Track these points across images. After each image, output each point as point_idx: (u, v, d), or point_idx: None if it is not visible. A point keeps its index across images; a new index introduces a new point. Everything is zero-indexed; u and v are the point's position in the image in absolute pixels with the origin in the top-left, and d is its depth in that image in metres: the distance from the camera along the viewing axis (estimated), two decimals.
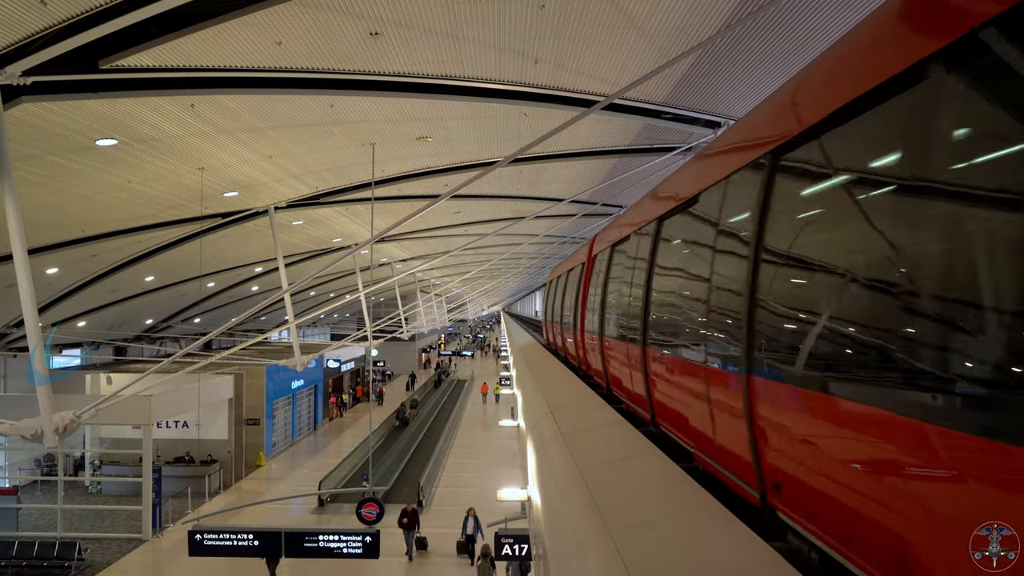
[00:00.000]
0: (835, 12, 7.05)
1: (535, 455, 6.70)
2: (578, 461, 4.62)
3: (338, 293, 38.48)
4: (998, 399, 1.48)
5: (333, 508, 20.47)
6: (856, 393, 2.00)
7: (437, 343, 74.23)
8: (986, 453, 1.47)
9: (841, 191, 2.18)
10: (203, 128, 10.29)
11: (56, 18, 6.24)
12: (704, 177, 3.66)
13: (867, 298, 2.03)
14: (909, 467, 1.76)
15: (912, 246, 1.80)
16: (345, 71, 8.62)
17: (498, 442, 26.63)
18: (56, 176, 11.19)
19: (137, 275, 20.71)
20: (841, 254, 2.19)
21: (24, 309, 7.09)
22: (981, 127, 1.58)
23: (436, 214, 20.34)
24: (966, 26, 1.56)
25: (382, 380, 48.27)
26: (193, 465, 24.52)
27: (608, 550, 2.85)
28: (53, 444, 7.13)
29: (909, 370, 1.77)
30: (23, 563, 16.50)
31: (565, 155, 13.95)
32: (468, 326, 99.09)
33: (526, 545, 11.47)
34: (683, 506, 3.25)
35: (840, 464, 2.12)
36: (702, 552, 2.73)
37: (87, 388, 23.55)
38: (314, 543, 11.87)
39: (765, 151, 2.72)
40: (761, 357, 2.65)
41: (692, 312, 3.76)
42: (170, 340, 32.89)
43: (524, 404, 11.33)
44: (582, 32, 7.86)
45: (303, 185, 15.15)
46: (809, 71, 2.64)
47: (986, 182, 1.54)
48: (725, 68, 9.13)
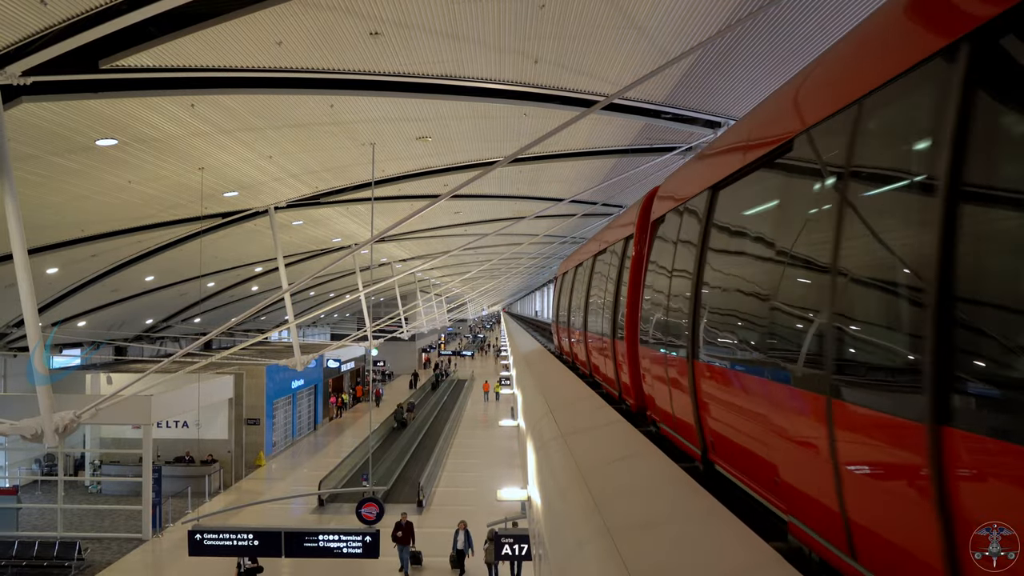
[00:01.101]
0: (835, 12, 7.05)
1: (535, 455, 6.69)
2: (578, 461, 4.62)
3: (338, 293, 38.48)
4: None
5: (333, 508, 20.47)
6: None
7: (437, 343, 74.22)
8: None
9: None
10: (203, 128, 10.28)
11: (56, 18, 6.24)
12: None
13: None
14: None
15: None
16: (345, 71, 8.62)
17: (498, 442, 26.63)
18: (56, 176, 11.19)
19: (137, 275, 20.71)
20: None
21: (24, 309, 7.09)
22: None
23: (436, 214, 20.34)
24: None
25: (382, 380, 48.30)
26: (193, 465, 24.52)
27: (608, 550, 2.85)
28: (53, 444, 7.13)
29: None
30: (23, 563, 16.49)
31: (565, 155, 13.95)
32: (468, 326, 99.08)
33: (526, 545, 11.48)
34: (683, 506, 3.25)
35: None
36: (702, 552, 2.73)
37: (87, 388, 23.54)
38: (314, 543, 11.87)
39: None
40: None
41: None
42: (170, 340, 32.89)
43: (524, 404, 11.33)
44: (582, 32, 7.86)
45: (303, 185, 15.15)
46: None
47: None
48: (725, 68, 9.13)
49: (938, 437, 1.64)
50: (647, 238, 5.20)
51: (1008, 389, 1.51)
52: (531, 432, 7.90)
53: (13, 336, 22.10)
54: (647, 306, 5.02)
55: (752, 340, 2.96)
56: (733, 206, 3.40)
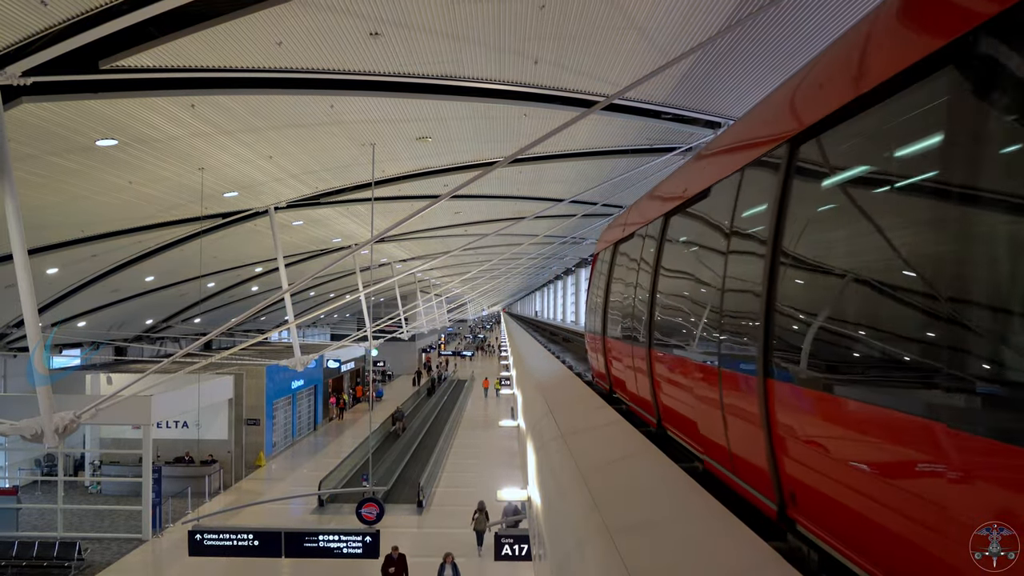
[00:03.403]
0: (835, 12, 7.05)
1: (535, 455, 6.69)
2: (578, 461, 4.62)
3: (338, 293, 38.49)
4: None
5: (333, 508, 20.47)
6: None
7: (437, 343, 74.24)
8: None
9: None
10: (203, 128, 10.29)
11: (56, 18, 6.25)
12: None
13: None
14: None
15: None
16: (345, 71, 8.62)
17: (498, 442, 26.64)
18: (56, 176, 11.19)
19: (137, 275, 20.72)
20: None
21: (24, 309, 7.08)
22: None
23: (436, 214, 20.35)
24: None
25: (382, 380, 48.33)
26: (193, 465, 24.52)
27: (608, 550, 2.85)
28: (53, 444, 7.12)
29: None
30: (23, 563, 16.50)
31: (565, 155, 13.95)
32: (468, 326, 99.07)
33: (526, 545, 11.48)
34: (683, 506, 3.25)
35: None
36: (702, 552, 2.73)
37: (87, 388, 23.53)
38: (314, 543, 11.87)
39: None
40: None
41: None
42: (170, 340, 32.90)
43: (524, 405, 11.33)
44: (582, 32, 7.86)
45: (303, 185, 15.15)
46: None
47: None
48: (725, 68, 9.13)
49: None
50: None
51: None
52: (531, 432, 7.90)
53: (13, 336, 22.11)
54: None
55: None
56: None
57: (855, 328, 2.17)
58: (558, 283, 57.96)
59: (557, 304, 59.64)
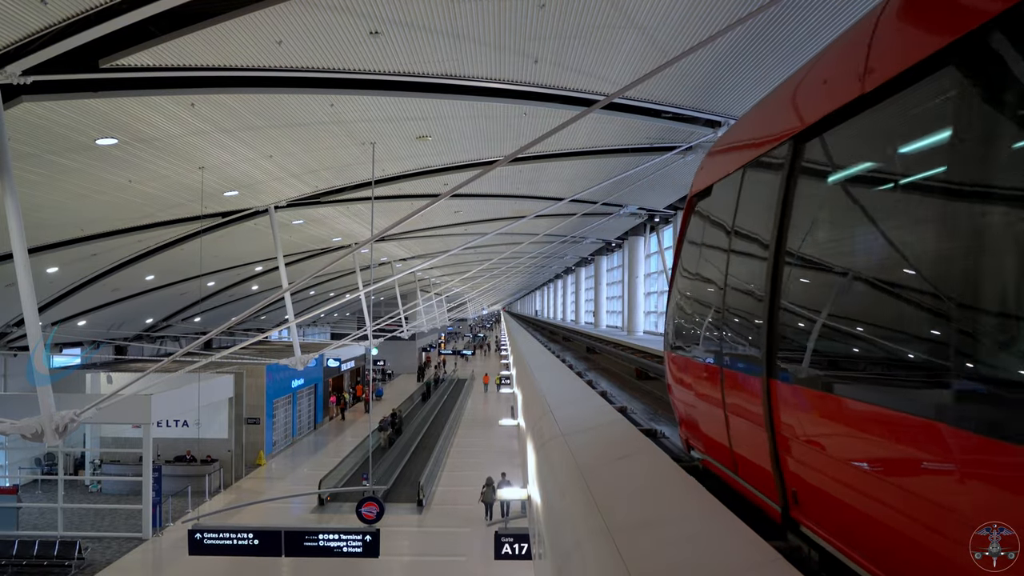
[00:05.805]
0: (835, 12, 7.05)
1: (535, 454, 6.70)
2: (578, 460, 4.62)
3: (338, 292, 38.48)
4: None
5: (333, 507, 20.48)
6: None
7: (437, 342, 74.25)
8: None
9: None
10: (203, 127, 10.29)
11: (56, 17, 6.24)
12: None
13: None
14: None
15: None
16: (345, 70, 8.62)
17: (498, 442, 26.65)
18: (56, 175, 11.19)
19: (137, 274, 20.71)
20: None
21: (24, 308, 7.08)
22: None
23: (436, 213, 20.34)
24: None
25: (382, 379, 48.35)
26: (193, 464, 24.53)
27: (608, 550, 2.85)
28: (53, 443, 7.12)
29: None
30: (23, 562, 16.50)
31: (565, 154, 13.95)
32: (468, 325, 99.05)
33: (526, 544, 11.48)
34: (683, 505, 3.25)
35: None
36: (702, 551, 2.73)
37: (87, 387, 23.55)
38: (314, 542, 11.88)
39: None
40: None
41: None
42: (170, 339, 32.89)
43: (524, 404, 11.33)
44: (582, 31, 7.86)
45: (303, 184, 15.15)
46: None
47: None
48: (725, 68, 9.13)
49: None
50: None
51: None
52: (531, 431, 7.90)
53: (13, 335, 22.11)
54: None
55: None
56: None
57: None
58: (558, 282, 57.99)
59: (557, 303, 59.65)
